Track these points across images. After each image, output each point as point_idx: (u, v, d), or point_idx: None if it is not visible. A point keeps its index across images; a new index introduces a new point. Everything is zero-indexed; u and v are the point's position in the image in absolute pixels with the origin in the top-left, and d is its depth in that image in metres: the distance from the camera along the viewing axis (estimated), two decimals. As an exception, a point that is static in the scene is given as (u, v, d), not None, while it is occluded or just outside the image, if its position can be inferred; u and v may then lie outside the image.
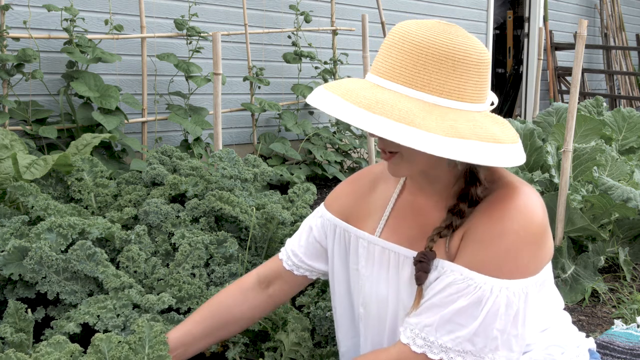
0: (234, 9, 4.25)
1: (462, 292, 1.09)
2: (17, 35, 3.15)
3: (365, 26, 3.60)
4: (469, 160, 0.98)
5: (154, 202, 2.17)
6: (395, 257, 1.24)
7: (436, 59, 1.04)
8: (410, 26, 1.08)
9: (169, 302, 1.75)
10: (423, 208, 1.25)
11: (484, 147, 1.00)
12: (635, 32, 8.92)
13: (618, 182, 2.86)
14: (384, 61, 1.09)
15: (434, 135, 0.98)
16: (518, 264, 1.09)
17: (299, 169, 4.10)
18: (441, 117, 1.01)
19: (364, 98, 1.03)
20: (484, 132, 1.02)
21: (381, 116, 0.99)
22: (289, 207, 2.36)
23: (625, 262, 2.96)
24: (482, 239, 1.10)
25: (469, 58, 1.05)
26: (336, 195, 1.45)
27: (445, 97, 1.04)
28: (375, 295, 1.28)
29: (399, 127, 0.98)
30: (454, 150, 0.98)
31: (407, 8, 5.65)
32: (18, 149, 2.48)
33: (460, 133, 0.99)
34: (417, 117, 0.99)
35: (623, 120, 3.91)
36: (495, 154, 1.01)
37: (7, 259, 1.77)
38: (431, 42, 1.04)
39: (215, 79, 2.85)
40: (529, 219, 1.10)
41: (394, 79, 1.06)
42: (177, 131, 3.94)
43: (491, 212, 1.12)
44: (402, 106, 1.01)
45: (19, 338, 1.60)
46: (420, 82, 1.04)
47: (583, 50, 2.68)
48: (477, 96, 1.08)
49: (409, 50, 1.05)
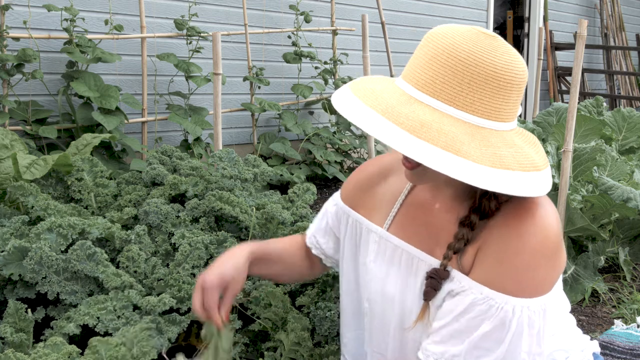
0: (234, 9, 4.25)
1: (486, 315, 1.05)
2: (17, 35, 3.15)
3: (365, 26, 3.60)
4: (514, 193, 0.96)
5: (154, 202, 2.17)
6: (408, 258, 1.20)
7: (482, 79, 0.99)
8: (454, 37, 1.01)
9: (169, 303, 1.75)
10: (433, 208, 1.21)
11: (527, 178, 0.98)
12: (635, 32, 8.92)
13: (618, 182, 2.86)
14: (424, 73, 1.02)
15: (480, 166, 0.94)
16: (537, 281, 1.06)
17: (299, 169, 4.10)
18: (484, 142, 0.98)
19: (406, 118, 0.97)
20: (524, 159, 1.00)
21: (427, 142, 0.94)
22: (289, 207, 2.35)
23: (625, 262, 2.96)
24: (500, 255, 1.06)
25: (514, 79, 1.01)
26: (348, 184, 1.42)
27: (487, 118, 1.01)
28: (381, 293, 1.24)
29: (445, 157, 0.93)
30: (500, 182, 0.95)
31: (407, 8, 5.65)
32: (18, 149, 2.48)
33: (505, 163, 0.97)
34: (463, 145, 0.95)
35: (623, 120, 3.91)
36: (536, 183, 0.99)
37: (7, 259, 1.77)
38: (478, 60, 0.99)
39: (215, 79, 2.84)
40: (545, 234, 1.07)
41: (436, 95, 1.00)
42: (177, 131, 3.93)
43: (509, 226, 1.08)
44: (447, 130, 0.96)
45: (19, 338, 1.60)
46: (462, 101, 0.99)
47: (583, 50, 2.68)
48: (512, 115, 1.05)
49: (454, 66, 0.99)
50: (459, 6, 6.23)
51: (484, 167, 0.94)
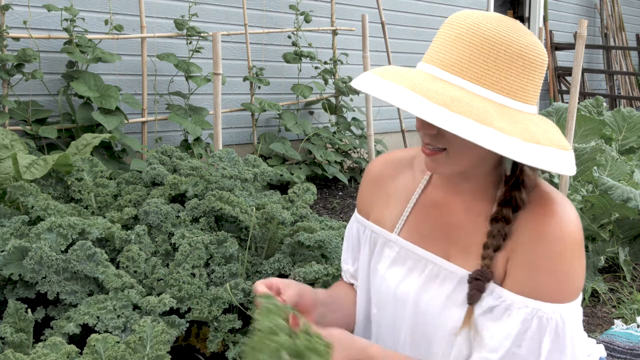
0: (234, 9, 4.25)
1: (541, 331, 1.02)
2: (17, 35, 3.15)
3: (365, 26, 3.60)
4: (547, 168, 0.93)
5: (154, 202, 2.17)
6: (427, 264, 1.15)
7: (508, 57, 0.98)
8: (478, 18, 1.00)
9: (170, 303, 1.75)
10: (450, 206, 1.16)
11: (558, 155, 0.95)
12: (635, 32, 8.92)
13: (618, 182, 2.86)
14: (449, 53, 1.00)
15: (514, 139, 0.92)
16: (575, 283, 1.04)
17: (299, 169, 4.10)
18: (513, 119, 0.96)
19: (437, 93, 0.95)
20: (553, 137, 0.98)
21: (460, 115, 0.92)
22: (289, 207, 2.35)
23: (625, 262, 2.96)
24: (539, 263, 1.03)
25: (538, 59, 1.00)
26: (360, 193, 1.36)
27: (513, 98, 0.99)
28: (393, 294, 1.19)
29: (480, 129, 0.91)
30: (534, 156, 0.92)
31: (407, 8, 5.65)
32: (18, 149, 2.48)
33: (536, 138, 0.95)
34: (495, 119, 0.93)
35: (623, 120, 3.91)
36: (567, 162, 0.96)
37: (7, 259, 1.77)
38: (504, 38, 0.98)
39: (215, 79, 2.84)
40: (576, 234, 1.04)
41: (462, 74, 0.98)
42: (177, 131, 3.93)
43: (541, 230, 1.04)
44: (477, 106, 0.94)
45: (18, 338, 1.60)
46: (489, 80, 0.98)
47: (583, 50, 2.68)
48: (535, 98, 1.03)
49: (480, 44, 0.98)
50: (459, 6, 6.23)
51: (517, 140, 0.92)
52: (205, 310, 1.79)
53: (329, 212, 3.84)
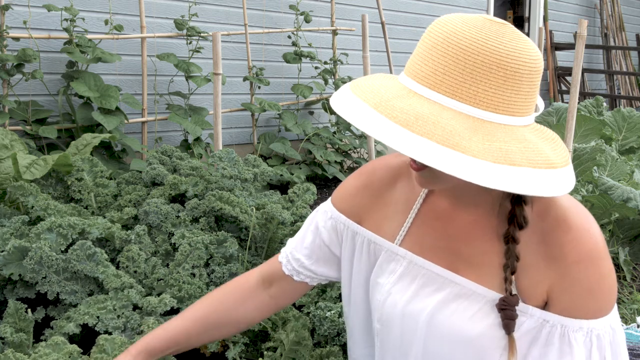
0: (234, 9, 4.25)
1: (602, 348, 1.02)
2: (17, 35, 3.15)
3: (365, 26, 3.60)
4: (519, 191, 0.87)
5: (154, 202, 2.17)
6: (450, 286, 1.10)
7: (486, 68, 0.90)
8: (457, 24, 0.93)
9: (170, 303, 1.74)
10: (455, 219, 1.12)
11: (536, 175, 0.88)
12: (635, 32, 8.92)
13: (618, 182, 2.86)
14: (424, 64, 0.94)
15: (482, 161, 0.86)
16: (614, 293, 1.05)
17: (299, 169, 4.10)
18: (488, 137, 0.89)
19: (401, 111, 0.89)
20: (536, 155, 0.90)
21: (421, 136, 0.86)
22: (289, 207, 2.35)
23: (625, 262, 2.96)
24: (583, 285, 1.01)
25: (522, 68, 0.91)
26: (347, 192, 1.27)
27: (493, 112, 0.91)
28: (400, 314, 1.13)
29: (441, 152, 0.85)
30: (503, 180, 0.85)
31: (407, 8, 5.65)
32: (18, 149, 2.48)
33: (511, 159, 0.87)
34: (463, 139, 0.87)
35: (623, 120, 3.92)
36: (549, 182, 0.89)
37: (7, 259, 1.77)
38: (481, 47, 0.90)
39: (215, 79, 2.85)
40: (604, 246, 1.03)
41: (435, 87, 0.92)
42: (177, 131, 3.94)
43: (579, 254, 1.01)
44: (445, 124, 0.88)
45: (18, 338, 1.60)
46: (465, 93, 0.90)
47: (583, 50, 2.68)
48: (526, 108, 0.95)
49: (455, 54, 0.91)
50: (459, 6, 6.23)
51: (484, 162, 0.85)
52: (205, 310, 1.79)
53: (329, 212, 3.84)
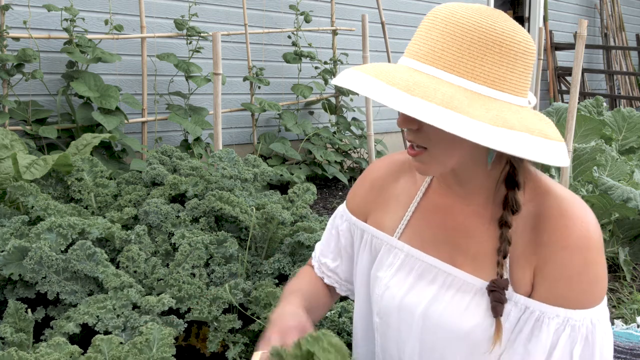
0: (234, 9, 4.25)
1: (574, 339, 1.01)
2: (17, 35, 3.15)
3: (365, 26, 3.60)
4: (518, 153, 0.88)
5: (154, 202, 2.17)
6: (442, 276, 1.11)
7: (482, 44, 0.94)
8: (454, 7, 0.98)
9: (168, 303, 1.75)
10: (454, 211, 1.14)
11: (535, 141, 0.90)
12: (635, 32, 8.92)
13: (618, 182, 2.86)
14: (423, 43, 0.98)
15: (481, 122, 0.88)
16: (602, 286, 1.03)
17: (299, 169, 4.10)
18: (485, 107, 0.92)
19: (401, 79, 0.93)
20: (532, 125, 0.92)
21: (421, 99, 0.90)
22: (289, 207, 2.36)
23: (625, 262, 2.96)
24: (567, 272, 1.01)
25: (517, 46, 0.96)
26: (355, 191, 1.32)
27: (489, 86, 0.95)
28: (397, 306, 1.15)
29: (441, 112, 0.88)
30: (503, 141, 0.88)
31: (407, 8, 5.65)
32: (18, 149, 2.48)
33: (509, 123, 0.90)
34: (462, 104, 0.90)
35: (623, 120, 3.92)
36: (546, 150, 0.90)
37: (7, 259, 1.77)
38: (478, 25, 0.95)
39: (215, 79, 2.85)
40: (598, 237, 1.03)
41: (434, 63, 0.96)
42: (177, 131, 3.94)
43: (567, 239, 1.01)
44: (445, 91, 0.92)
45: (19, 338, 1.60)
46: (463, 68, 0.95)
47: (583, 50, 2.68)
48: (520, 88, 0.98)
49: (453, 32, 0.95)
50: (459, 6, 6.23)
51: (484, 124, 0.88)
52: (205, 310, 1.79)
53: (329, 212, 3.84)
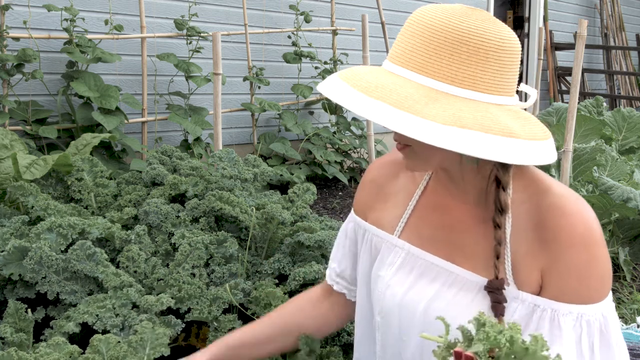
0: (234, 9, 4.25)
1: (592, 334, 1.02)
2: (17, 35, 3.15)
3: (365, 26, 3.60)
4: (465, 152, 0.89)
5: (154, 202, 2.17)
6: (444, 275, 1.12)
7: (449, 44, 0.95)
8: (429, 9, 1.01)
9: (167, 303, 1.75)
10: (452, 209, 1.15)
11: (487, 139, 0.90)
12: (635, 32, 8.92)
13: (618, 182, 2.86)
14: (397, 46, 1.02)
15: (430, 122, 0.90)
16: (608, 280, 1.04)
17: (299, 169, 4.10)
18: (447, 107, 0.93)
19: (366, 82, 0.97)
20: (492, 123, 0.92)
21: (377, 100, 0.93)
22: (289, 207, 2.35)
23: (625, 262, 2.96)
24: (575, 269, 1.02)
25: (486, 44, 0.95)
26: (358, 192, 1.34)
27: (457, 86, 0.96)
28: (398, 304, 1.15)
29: (392, 112, 0.91)
30: (450, 140, 0.89)
31: (407, 8, 5.65)
32: (18, 149, 2.48)
33: (462, 122, 0.90)
34: (417, 103, 0.92)
35: (623, 120, 3.92)
36: (501, 148, 0.90)
37: (7, 259, 1.77)
38: (445, 25, 0.96)
39: (215, 79, 2.85)
40: (599, 231, 1.03)
41: (405, 64, 0.99)
42: (177, 131, 3.94)
43: (573, 238, 1.02)
44: (403, 91, 0.94)
45: (18, 338, 1.60)
46: (430, 68, 0.96)
47: (583, 50, 2.68)
48: (495, 87, 0.97)
49: (421, 33, 0.98)
50: (459, 6, 6.23)
51: (432, 123, 0.90)
52: (205, 310, 1.79)
53: (329, 212, 3.84)
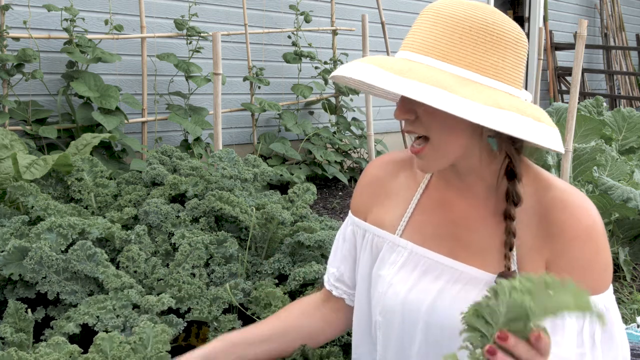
0: (234, 9, 4.25)
1: (594, 324, 1.03)
2: (17, 35, 3.15)
3: (365, 26, 3.60)
4: (513, 132, 0.89)
5: (154, 202, 2.17)
6: (448, 272, 1.11)
7: (473, 33, 0.97)
8: (445, 2, 1.02)
9: (168, 303, 1.75)
10: (455, 206, 1.14)
11: (526, 122, 0.91)
12: (635, 32, 8.92)
13: (618, 182, 2.86)
14: (417, 35, 1.01)
15: (471, 102, 0.89)
16: (609, 272, 1.06)
17: (299, 169, 4.10)
18: (477, 91, 0.93)
19: (396, 66, 0.96)
20: (524, 109, 0.93)
21: (414, 80, 0.92)
22: (289, 207, 2.35)
23: (625, 262, 2.96)
24: (579, 262, 1.04)
25: (507, 35, 0.99)
26: (356, 192, 1.33)
27: (482, 74, 0.97)
28: (401, 303, 1.14)
29: (433, 91, 0.90)
30: (496, 119, 0.89)
31: (407, 8, 5.65)
32: (18, 149, 2.48)
33: (500, 104, 0.91)
34: (453, 85, 0.92)
35: (623, 120, 3.92)
36: (537, 130, 0.91)
37: (7, 259, 1.77)
38: (468, 15, 0.98)
39: (215, 79, 2.85)
40: (601, 224, 1.05)
41: (427, 52, 0.99)
42: (177, 131, 3.94)
43: (577, 231, 1.03)
44: (437, 75, 0.94)
45: (19, 338, 1.60)
46: (455, 56, 0.97)
47: (583, 50, 2.68)
48: (514, 78, 1.00)
49: (444, 22, 0.99)
50: (459, 6, 6.23)
51: (474, 103, 0.89)
52: (205, 310, 1.79)
53: (329, 212, 3.84)
